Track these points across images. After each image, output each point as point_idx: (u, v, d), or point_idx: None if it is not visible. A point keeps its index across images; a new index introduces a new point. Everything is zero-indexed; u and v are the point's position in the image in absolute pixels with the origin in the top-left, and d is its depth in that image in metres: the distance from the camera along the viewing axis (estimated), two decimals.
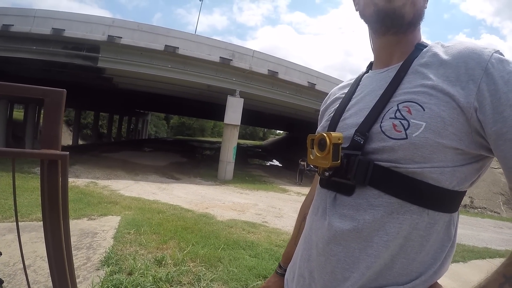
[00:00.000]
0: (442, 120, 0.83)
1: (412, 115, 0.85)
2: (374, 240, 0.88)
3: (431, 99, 0.85)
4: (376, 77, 1.07)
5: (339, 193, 0.96)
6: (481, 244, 8.03)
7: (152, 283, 3.75)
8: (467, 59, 0.85)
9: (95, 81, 19.01)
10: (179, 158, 23.16)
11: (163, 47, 14.90)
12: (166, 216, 7.09)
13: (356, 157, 0.91)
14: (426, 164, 0.84)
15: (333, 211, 0.97)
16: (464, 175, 0.88)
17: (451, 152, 0.84)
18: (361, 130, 0.94)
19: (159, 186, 11.68)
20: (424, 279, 0.90)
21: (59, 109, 1.63)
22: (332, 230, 0.94)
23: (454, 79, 0.85)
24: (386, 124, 0.89)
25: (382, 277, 0.91)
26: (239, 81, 17.09)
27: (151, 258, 4.48)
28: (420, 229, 0.88)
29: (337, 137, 0.91)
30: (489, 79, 0.81)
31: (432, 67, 0.91)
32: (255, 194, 12.94)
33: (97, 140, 38.91)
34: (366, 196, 0.90)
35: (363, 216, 0.90)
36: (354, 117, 1.01)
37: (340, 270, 0.93)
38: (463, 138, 0.84)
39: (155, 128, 71.64)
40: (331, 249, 0.95)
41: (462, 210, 15.59)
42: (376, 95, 0.98)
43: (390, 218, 0.87)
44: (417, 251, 0.89)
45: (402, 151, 0.85)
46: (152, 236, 5.44)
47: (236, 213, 8.82)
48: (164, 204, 8.65)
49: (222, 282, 4.08)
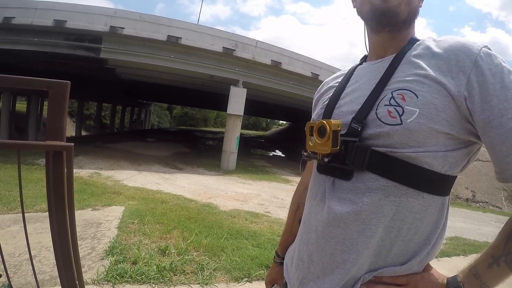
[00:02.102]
0: (434, 106, 0.88)
1: (406, 102, 0.90)
2: (372, 222, 0.92)
3: (424, 87, 0.90)
4: (370, 68, 1.12)
5: (338, 178, 1.00)
6: (482, 238, 8.05)
7: (156, 272, 3.79)
8: (458, 52, 0.91)
9: (98, 72, 19.02)
10: (182, 148, 23.15)
11: (166, 37, 14.86)
12: (170, 206, 7.14)
13: (354, 143, 0.95)
14: (420, 149, 0.89)
15: (332, 195, 1.01)
16: (455, 160, 0.93)
17: (443, 137, 0.90)
18: (358, 117, 0.98)
19: (162, 176, 11.71)
20: (419, 259, 0.96)
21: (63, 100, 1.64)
22: (331, 213, 0.98)
23: (445, 69, 0.91)
24: (381, 111, 0.94)
25: (381, 259, 0.96)
26: (242, 71, 17.04)
27: (155, 248, 4.52)
28: (416, 212, 0.93)
29: (337, 124, 0.95)
30: (478, 71, 0.87)
31: (425, 58, 0.96)
32: (258, 184, 12.97)
33: (100, 131, 38.93)
34: (364, 180, 0.94)
35: (361, 199, 0.94)
36: (350, 105, 1.05)
37: (339, 252, 0.97)
38: (454, 124, 0.89)
39: (158, 118, 71.61)
40: (331, 231, 0.98)
41: (464, 204, 15.67)
42: (371, 84, 1.03)
43: (387, 201, 0.92)
44: (413, 233, 0.94)
45: (397, 136, 0.90)
46: (156, 226, 5.48)
47: (239, 203, 8.86)
48: (168, 194, 8.67)
49: (225, 271, 4.12)
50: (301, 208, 1.35)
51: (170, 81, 20.66)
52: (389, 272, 0.95)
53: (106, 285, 3.46)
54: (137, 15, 15.00)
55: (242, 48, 16.44)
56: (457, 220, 10.56)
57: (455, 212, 12.56)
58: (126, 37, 14.74)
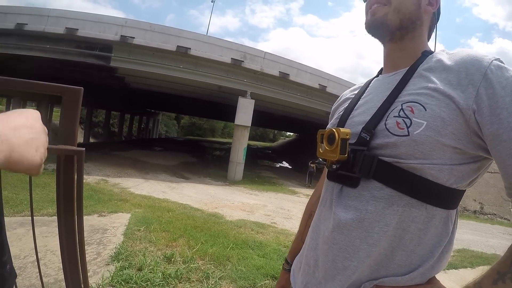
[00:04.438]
0: (442, 120, 0.88)
1: (415, 114, 0.90)
2: (374, 230, 0.93)
3: (433, 100, 0.90)
4: (384, 80, 1.13)
5: (345, 185, 1.01)
6: (490, 251, 7.99)
7: (161, 279, 3.79)
8: (468, 65, 0.90)
9: (107, 80, 19.19)
10: (189, 158, 23.23)
11: (175, 47, 15.00)
12: (176, 215, 7.15)
13: (362, 152, 0.96)
14: (426, 161, 0.89)
15: (338, 201, 1.02)
16: (461, 174, 0.92)
17: (449, 151, 0.89)
18: (368, 127, 0.99)
19: (169, 185, 11.75)
20: (422, 271, 0.94)
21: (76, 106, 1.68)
22: (336, 220, 0.99)
23: (455, 83, 0.90)
24: (390, 122, 0.94)
25: (382, 268, 0.95)
26: (250, 83, 17.12)
27: (160, 255, 4.52)
28: (418, 222, 0.92)
29: (345, 133, 0.96)
30: (487, 84, 0.85)
31: (436, 72, 0.96)
32: (264, 195, 12.96)
33: (108, 138, 39.10)
34: (370, 188, 0.95)
35: (365, 206, 0.94)
36: (361, 116, 1.07)
37: (340, 259, 0.97)
38: (461, 138, 0.88)
39: (165, 127, 71.86)
40: (334, 237, 0.99)
41: (472, 216, 15.58)
42: (383, 96, 1.04)
43: (390, 210, 0.92)
44: (415, 244, 0.93)
45: (403, 147, 0.90)
46: (162, 234, 5.49)
47: (245, 213, 8.86)
48: (174, 203, 8.70)
49: (231, 280, 4.12)
50: (313, 217, 1.33)
51: (178, 91, 20.79)
52: (390, 282, 0.94)
53: None
54: (147, 25, 15.15)
55: (251, 59, 16.54)
56: (465, 232, 10.49)
57: (463, 224, 12.46)
58: (136, 47, 14.89)
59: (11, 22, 14.42)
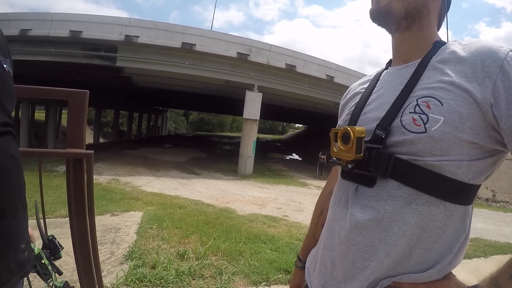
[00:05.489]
0: (459, 115, 0.85)
1: (431, 109, 0.88)
2: (393, 230, 0.91)
3: (449, 95, 0.88)
4: (396, 73, 1.09)
5: (361, 185, 0.99)
6: (503, 239, 7.93)
7: (175, 276, 3.81)
8: (484, 57, 0.87)
9: (114, 80, 19.28)
10: (199, 153, 23.28)
11: (180, 44, 15.01)
12: (188, 211, 7.19)
13: (378, 150, 0.94)
14: (444, 157, 0.87)
15: (355, 201, 0.99)
16: (479, 169, 0.90)
17: (467, 146, 0.87)
18: (383, 124, 0.96)
19: (180, 182, 11.80)
20: (440, 268, 0.93)
21: (82, 109, 1.70)
22: (353, 220, 0.97)
23: (471, 75, 0.88)
24: (406, 118, 0.92)
25: (400, 266, 0.94)
26: (257, 76, 17.10)
27: (173, 252, 4.55)
28: (437, 220, 0.91)
29: (361, 131, 0.94)
30: (504, 76, 0.83)
31: (450, 64, 0.94)
32: (275, 188, 12.96)
33: (117, 137, 39.35)
34: (387, 187, 0.93)
35: (383, 206, 0.92)
36: (375, 111, 1.04)
37: (360, 259, 0.96)
38: (479, 132, 0.86)
39: (174, 124, 72.06)
40: (352, 238, 0.97)
41: (484, 204, 15.48)
42: (396, 90, 1.01)
43: (409, 209, 0.90)
44: (434, 241, 0.92)
45: (421, 144, 0.88)
46: (174, 231, 5.52)
47: (256, 207, 8.88)
48: (185, 199, 8.74)
49: (244, 276, 4.13)
50: (324, 213, 1.34)
51: (185, 87, 20.83)
52: (408, 279, 0.94)
53: None
54: (151, 23, 15.18)
55: (256, 52, 16.50)
56: (478, 220, 10.39)
57: (475, 212, 12.04)
58: (141, 45, 14.93)
59: (15, 28, 14.53)
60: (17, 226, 0.90)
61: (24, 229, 0.95)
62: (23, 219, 0.94)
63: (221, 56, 15.86)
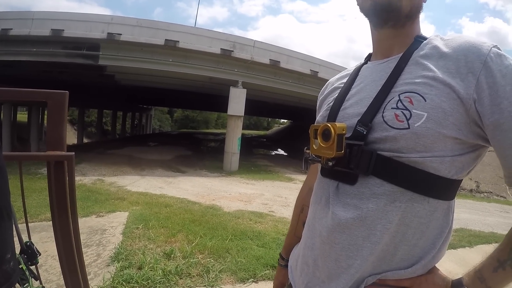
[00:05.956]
0: (443, 110, 0.85)
1: (414, 105, 0.88)
2: (377, 228, 0.91)
3: (432, 90, 0.88)
4: (376, 68, 1.08)
5: (342, 182, 0.98)
6: (487, 229, 8.04)
7: (162, 276, 3.80)
8: (467, 53, 0.88)
9: (97, 79, 19.06)
10: (184, 151, 23.15)
11: (163, 41, 14.86)
12: (174, 210, 7.16)
13: (359, 147, 0.92)
14: (427, 154, 0.87)
15: (336, 200, 0.98)
16: (462, 165, 0.91)
17: (451, 142, 0.87)
18: (364, 121, 0.95)
19: (166, 180, 11.75)
20: (424, 263, 0.94)
21: (62, 110, 1.67)
22: (336, 219, 0.96)
23: (454, 71, 0.88)
24: (388, 114, 0.91)
25: (385, 263, 0.94)
26: (241, 72, 17.05)
27: (160, 252, 4.53)
28: (421, 217, 0.91)
29: (342, 128, 0.93)
30: (487, 72, 0.84)
31: (433, 59, 0.93)
32: (261, 184, 12.99)
33: (101, 137, 38.89)
34: (369, 185, 0.92)
35: (366, 204, 0.92)
36: (355, 107, 1.02)
37: (344, 258, 0.95)
38: (462, 128, 0.87)
39: (159, 122, 71.70)
40: (335, 237, 0.96)
41: (468, 194, 15.71)
42: (377, 85, 1.00)
43: (392, 207, 0.90)
44: (418, 238, 0.93)
45: (404, 140, 0.88)
46: (160, 230, 5.50)
47: (242, 203, 8.89)
48: (171, 197, 8.71)
49: (231, 273, 4.14)
50: (305, 211, 1.34)
51: (169, 85, 20.68)
52: (393, 276, 0.95)
53: None
54: (134, 20, 14.99)
55: (240, 48, 16.45)
56: (462, 211, 10.55)
57: (460, 203, 12.47)
58: (124, 43, 14.75)
59: None
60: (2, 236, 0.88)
61: (10, 239, 0.93)
62: (8, 229, 0.92)
63: (205, 53, 15.76)
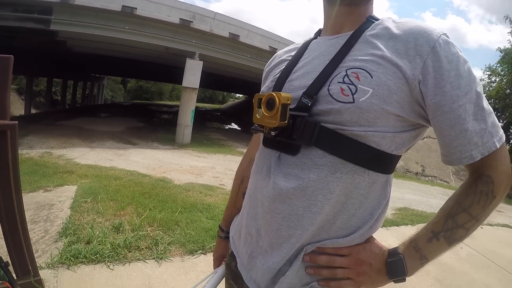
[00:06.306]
0: (388, 88, 0.89)
1: (360, 81, 0.90)
2: (318, 198, 0.93)
3: (379, 68, 0.91)
4: (325, 43, 1.10)
5: (284, 153, 1.00)
6: (429, 210, 8.46)
7: (110, 250, 3.76)
8: (417, 36, 0.91)
9: (48, 45, 18.08)
10: (136, 122, 22.63)
11: (120, 7, 14.25)
12: (123, 182, 7.05)
13: (303, 118, 0.94)
14: (370, 128, 0.90)
15: (277, 170, 1.00)
16: (402, 141, 0.96)
17: (393, 119, 0.91)
18: (309, 93, 0.97)
19: (116, 152, 11.52)
20: (362, 232, 0.99)
21: (6, 76, 1.59)
22: (277, 189, 0.98)
23: (403, 52, 0.91)
24: (334, 87, 0.93)
25: (324, 232, 0.98)
26: (199, 44, 16.76)
27: (108, 226, 4.48)
28: (361, 188, 0.95)
29: (287, 98, 0.93)
30: (435, 57, 0.88)
31: (383, 39, 0.96)
32: (212, 157, 13.02)
33: (50, 108, 37.10)
34: (311, 156, 0.94)
35: (307, 175, 0.94)
36: (301, 79, 1.04)
37: (285, 228, 0.98)
38: (405, 106, 0.91)
39: (111, 92, 69.44)
40: (276, 207, 0.98)
41: (414, 177, 16.52)
42: (325, 59, 1.02)
43: (333, 177, 0.93)
44: (357, 208, 0.97)
45: (348, 114, 0.90)
46: (110, 203, 5.42)
47: (193, 176, 8.89)
48: (121, 170, 8.56)
49: (180, 245, 4.18)
50: (245, 182, 1.37)
51: (124, 54, 20.08)
52: (332, 244, 0.98)
53: (61, 268, 3.39)
54: None
55: (200, 20, 16.11)
56: (407, 192, 11.07)
57: (405, 184, 13.16)
58: (78, 8, 13.99)
59: None
60: None
61: None
62: None
63: (163, 22, 15.33)
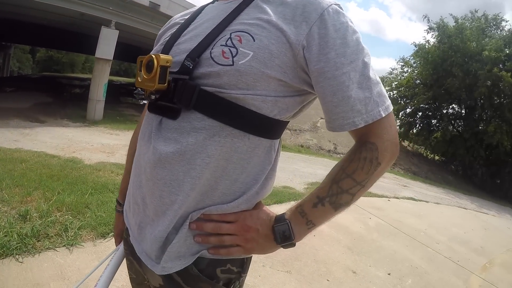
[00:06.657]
0: (269, 52, 0.90)
1: (242, 44, 0.91)
2: (196, 162, 0.94)
3: (263, 32, 0.92)
4: (219, 7, 1.11)
5: (165, 117, 0.99)
6: None
7: (18, 241, 3.54)
8: (307, 3, 0.93)
9: None
10: (45, 98, 21.08)
11: None
12: (30, 165, 6.62)
13: (184, 81, 0.94)
14: (249, 91, 0.91)
15: (158, 134, 1.00)
16: (286, 106, 0.98)
17: (274, 83, 0.93)
18: (192, 56, 0.96)
19: (22, 132, 10.75)
20: (246, 198, 1.01)
21: None
22: (157, 154, 0.97)
23: (289, 18, 0.93)
24: (216, 50, 0.93)
25: (208, 198, 0.99)
26: (116, 11, 15.83)
27: (15, 214, 4.21)
28: (242, 152, 0.96)
29: (166, 60, 0.93)
30: (321, 24, 0.90)
31: (273, 5, 0.98)
32: (125, 134, 12.66)
33: None
34: (190, 119, 0.94)
35: (186, 139, 0.94)
36: (188, 43, 1.03)
37: (167, 194, 0.97)
38: (287, 71, 0.93)
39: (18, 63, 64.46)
40: (157, 173, 0.98)
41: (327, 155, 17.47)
42: (213, 23, 1.02)
43: (212, 141, 0.93)
44: (239, 173, 0.99)
45: (227, 77, 0.90)
46: (15, 190, 5.06)
47: (105, 155, 8.67)
48: (28, 152, 7.99)
49: (91, 229, 4.09)
50: None
51: (34, 18, 18.60)
52: (217, 210, 0.99)
53: None
54: None
55: None
56: (319, 168, 11.70)
57: (318, 161, 13.96)
58: None
59: None
60: None
61: None
62: None
63: None
